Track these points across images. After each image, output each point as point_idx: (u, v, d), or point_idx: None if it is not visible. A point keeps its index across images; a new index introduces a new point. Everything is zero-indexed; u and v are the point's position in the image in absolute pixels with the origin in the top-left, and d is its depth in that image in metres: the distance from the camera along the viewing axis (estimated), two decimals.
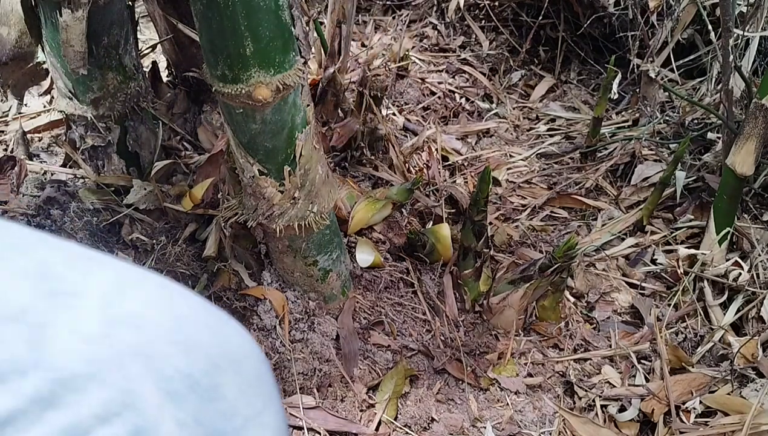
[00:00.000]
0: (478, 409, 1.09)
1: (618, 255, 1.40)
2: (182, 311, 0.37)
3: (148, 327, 0.34)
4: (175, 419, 0.32)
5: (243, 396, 0.37)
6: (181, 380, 0.34)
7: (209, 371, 0.35)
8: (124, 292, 0.35)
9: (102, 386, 0.31)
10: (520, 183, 1.62)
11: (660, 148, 1.63)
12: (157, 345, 0.34)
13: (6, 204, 1.21)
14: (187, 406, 0.33)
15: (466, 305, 1.22)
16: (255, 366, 0.39)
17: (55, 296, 0.32)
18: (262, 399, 0.38)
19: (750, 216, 1.39)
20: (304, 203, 0.95)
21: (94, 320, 0.33)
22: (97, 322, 0.33)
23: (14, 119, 1.55)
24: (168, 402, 0.32)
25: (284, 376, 1.04)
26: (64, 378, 0.30)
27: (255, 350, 0.40)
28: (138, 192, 1.20)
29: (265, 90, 0.79)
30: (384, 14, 2.23)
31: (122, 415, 0.31)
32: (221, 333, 0.38)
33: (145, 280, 0.37)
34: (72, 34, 1.03)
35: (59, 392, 0.30)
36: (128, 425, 0.31)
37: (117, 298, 0.34)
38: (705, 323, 1.22)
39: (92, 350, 0.32)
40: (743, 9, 1.54)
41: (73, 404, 0.30)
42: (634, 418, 1.07)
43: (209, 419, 0.34)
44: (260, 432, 0.37)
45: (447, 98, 1.86)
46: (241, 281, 1.12)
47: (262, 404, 0.38)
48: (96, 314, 0.33)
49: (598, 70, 2.05)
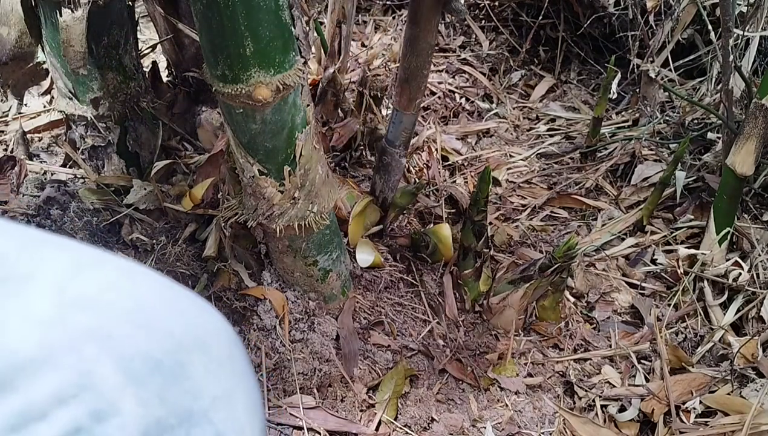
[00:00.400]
0: (478, 409, 1.09)
1: (618, 255, 1.40)
2: (144, 291, 0.37)
3: (104, 309, 0.34)
4: (137, 398, 0.32)
5: (211, 375, 0.36)
6: (143, 361, 0.33)
7: (173, 351, 0.35)
8: (80, 274, 0.35)
9: (57, 369, 0.31)
10: (520, 183, 1.62)
11: (660, 148, 1.63)
12: (115, 326, 0.33)
13: (6, 204, 1.21)
14: (149, 386, 0.33)
15: (466, 305, 1.22)
16: (224, 345, 0.39)
17: (6, 281, 0.32)
18: (232, 378, 0.38)
19: (750, 216, 1.39)
20: (304, 203, 0.95)
21: (47, 303, 0.32)
22: (50, 305, 0.32)
23: (14, 119, 1.55)
24: (129, 382, 0.32)
25: (284, 376, 1.04)
26: (16, 363, 0.30)
27: (225, 329, 0.40)
28: (138, 192, 1.20)
29: (265, 90, 0.79)
30: (384, 14, 2.23)
31: (79, 396, 0.31)
32: (187, 313, 0.38)
33: (103, 262, 0.37)
34: (72, 34, 1.03)
35: (12, 375, 0.30)
36: (86, 406, 0.31)
37: (72, 281, 0.34)
38: (705, 323, 1.22)
39: (46, 333, 0.31)
40: (743, 9, 1.54)
41: (27, 387, 0.30)
42: (634, 418, 1.07)
43: (174, 397, 0.34)
44: (230, 412, 0.36)
45: (447, 98, 1.86)
46: (241, 281, 1.12)
47: (233, 383, 0.37)
48: (49, 297, 0.33)
49: (598, 70, 2.05)
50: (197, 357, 0.36)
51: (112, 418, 0.31)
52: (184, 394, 0.34)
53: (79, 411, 0.31)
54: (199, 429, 0.34)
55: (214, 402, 0.36)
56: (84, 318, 0.33)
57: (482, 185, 1.12)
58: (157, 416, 0.33)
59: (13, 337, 0.31)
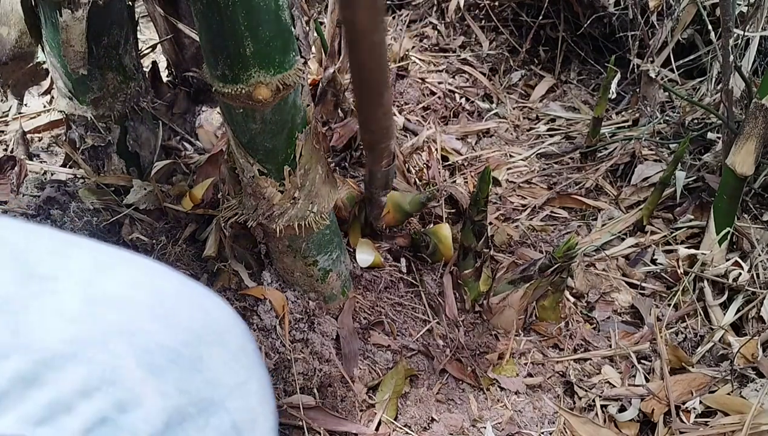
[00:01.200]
0: (478, 409, 1.09)
1: (618, 255, 1.40)
2: (163, 287, 0.38)
3: (128, 305, 0.35)
4: (158, 390, 0.34)
5: (227, 366, 0.38)
6: (163, 354, 0.35)
7: (192, 344, 0.36)
8: (105, 272, 0.36)
9: (83, 363, 0.32)
10: (520, 183, 1.62)
11: (660, 148, 1.63)
12: (138, 321, 0.35)
13: (6, 204, 1.21)
14: (169, 377, 0.34)
15: (466, 305, 1.22)
16: (238, 338, 0.40)
17: (36, 281, 0.33)
18: (246, 369, 0.39)
19: (750, 216, 1.39)
20: (304, 203, 0.95)
21: (76, 300, 0.34)
22: (79, 302, 0.34)
23: (14, 119, 1.55)
24: (150, 375, 0.34)
25: (284, 376, 1.04)
26: (45, 358, 0.32)
27: (237, 322, 0.42)
28: (138, 192, 1.20)
29: (265, 90, 0.79)
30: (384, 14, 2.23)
31: (103, 389, 0.32)
32: (203, 307, 0.39)
33: (125, 260, 0.38)
34: (72, 34, 1.03)
35: (41, 371, 0.31)
36: (110, 398, 0.32)
37: (97, 278, 0.35)
38: (705, 323, 1.22)
39: (74, 329, 0.33)
40: (743, 9, 1.54)
41: (54, 381, 0.31)
42: (634, 418, 1.08)
43: (194, 388, 0.35)
44: (245, 400, 0.38)
45: (447, 98, 1.86)
46: (241, 281, 1.12)
47: (246, 373, 0.39)
48: (77, 294, 0.34)
49: (598, 70, 2.05)
50: (214, 349, 0.38)
51: (136, 409, 0.33)
52: (203, 384, 0.36)
53: (104, 403, 0.32)
54: (217, 417, 0.36)
55: (231, 392, 0.37)
56: (110, 314, 0.34)
57: (482, 185, 1.12)
58: (177, 405, 0.34)
59: (43, 333, 0.32)
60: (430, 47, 2.08)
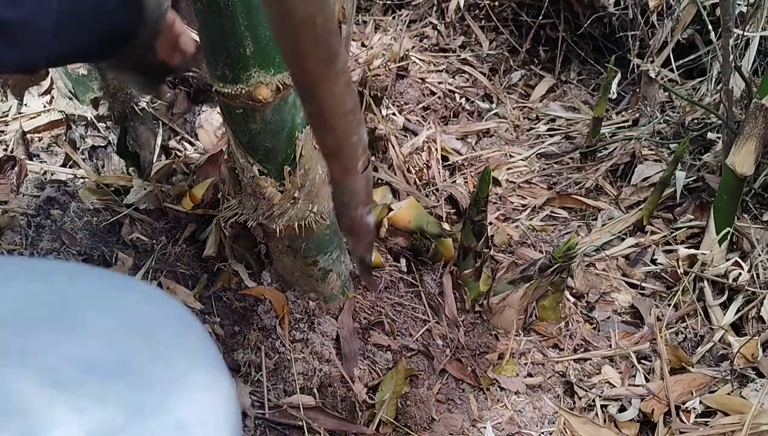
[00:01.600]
0: (478, 409, 1.09)
1: (618, 255, 1.40)
2: (76, 292, 0.36)
3: (18, 320, 0.32)
4: (71, 408, 0.31)
5: (157, 363, 0.35)
6: (70, 368, 0.32)
7: (107, 347, 0.33)
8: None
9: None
10: (520, 183, 1.62)
11: (660, 148, 1.63)
12: (34, 338, 0.32)
13: (6, 204, 1.21)
14: (84, 390, 0.31)
15: (466, 305, 1.22)
16: (171, 329, 0.37)
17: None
18: (185, 359, 0.36)
19: (750, 216, 1.39)
20: (304, 203, 0.95)
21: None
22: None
23: (14, 119, 1.55)
24: (58, 393, 0.31)
25: (284, 376, 1.04)
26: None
27: (172, 311, 0.38)
28: (138, 192, 1.20)
29: (265, 90, 0.79)
30: (384, 14, 2.23)
31: (6, 425, 0.29)
32: (127, 306, 0.37)
33: (24, 267, 0.36)
34: None
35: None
36: (15, 432, 0.29)
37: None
38: (705, 323, 1.22)
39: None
40: (743, 9, 1.54)
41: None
42: (634, 418, 1.08)
43: (118, 395, 0.32)
44: (190, 394, 0.35)
45: (447, 98, 1.86)
46: (241, 281, 1.12)
47: (187, 364, 0.36)
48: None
49: (598, 70, 2.05)
50: (138, 349, 0.34)
51: (46, 435, 0.30)
52: (129, 388, 0.33)
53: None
54: (156, 420, 0.33)
55: (168, 388, 0.34)
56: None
57: (482, 185, 1.12)
58: (100, 419, 0.31)
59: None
60: (430, 47, 2.08)
